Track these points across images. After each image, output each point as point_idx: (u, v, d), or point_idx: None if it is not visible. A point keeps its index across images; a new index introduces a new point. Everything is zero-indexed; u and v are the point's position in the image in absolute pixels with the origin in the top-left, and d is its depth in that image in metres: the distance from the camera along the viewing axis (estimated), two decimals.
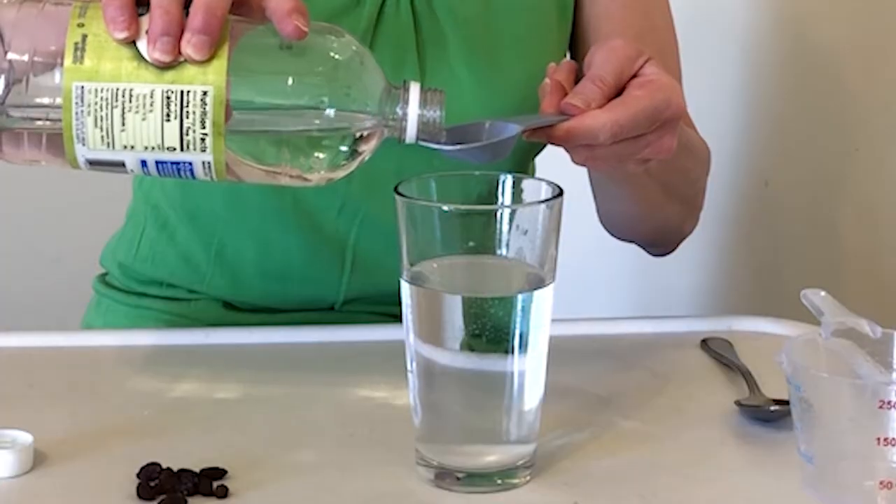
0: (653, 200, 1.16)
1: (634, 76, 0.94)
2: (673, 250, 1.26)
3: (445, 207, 0.83)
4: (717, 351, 1.07)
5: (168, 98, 0.83)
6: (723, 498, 0.86)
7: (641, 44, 1.00)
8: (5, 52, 0.84)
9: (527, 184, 0.88)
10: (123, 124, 0.84)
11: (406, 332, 0.86)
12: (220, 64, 0.83)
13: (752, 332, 1.13)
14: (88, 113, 0.83)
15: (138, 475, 0.85)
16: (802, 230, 1.75)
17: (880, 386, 0.82)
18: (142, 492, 0.83)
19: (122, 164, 0.86)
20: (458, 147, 0.88)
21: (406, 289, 0.85)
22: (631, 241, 1.25)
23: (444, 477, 0.86)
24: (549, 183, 0.86)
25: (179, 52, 0.83)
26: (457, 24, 1.15)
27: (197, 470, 0.85)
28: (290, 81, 0.85)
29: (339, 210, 1.17)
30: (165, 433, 0.93)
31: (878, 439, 0.81)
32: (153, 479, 0.84)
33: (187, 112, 0.83)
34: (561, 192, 0.85)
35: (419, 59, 1.14)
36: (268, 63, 0.86)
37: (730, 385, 1.02)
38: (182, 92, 0.83)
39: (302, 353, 1.08)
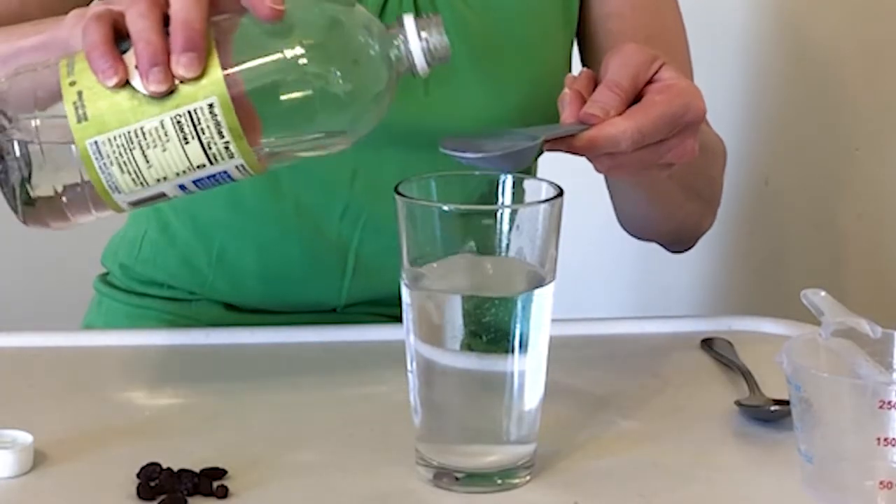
0: (673, 201, 1.17)
1: (652, 81, 0.94)
2: (692, 247, 1.26)
3: (445, 207, 0.83)
4: (717, 351, 1.07)
5: (179, 123, 0.83)
6: (723, 498, 0.86)
7: (652, 43, 0.99)
8: (11, 136, 0.85)
9: (527, 184, 0.88)
10: (147, 161, 0.84)
11: (406, 332, 0.86)
12: (214, 72, 0.83)
13: (752, 332, 1.13)
14: (111, 163, 0.84)
15: (138, 475, 0.85)
16: (803, 230, 1.75)
17: (880, 386, 0.82)
18: (142, 492, 0.83)
19: (164, 195, 0.87)
20: (480, 156, 0.87)
21: (406, 289, 0.85)
22: (651, 241, 1.26)
23: (444, 477, 0.86)
24: (550, 183, 0.86)
25: (173, 76, 0.83)
26: (460, 25, 1.15)
27: (197, 470, 0.85)
28: (290, 60, 0.85)
29: (342, 214, 1.16)
30: (165, 433, 0.93)
31: (878, 439, 0.81)
32: (153, 479, 0.84)
33: (202, 129, 0.84)
34: (561, 192, 0.85)
35: None
36: (262, 50, 0.86)
37: (730, 385, 1.02)
38: (189, 112, 0.83)
39: (302, 353, 1.08)
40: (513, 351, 0.84)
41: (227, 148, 0.84)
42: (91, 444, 0.91)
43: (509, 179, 0.87)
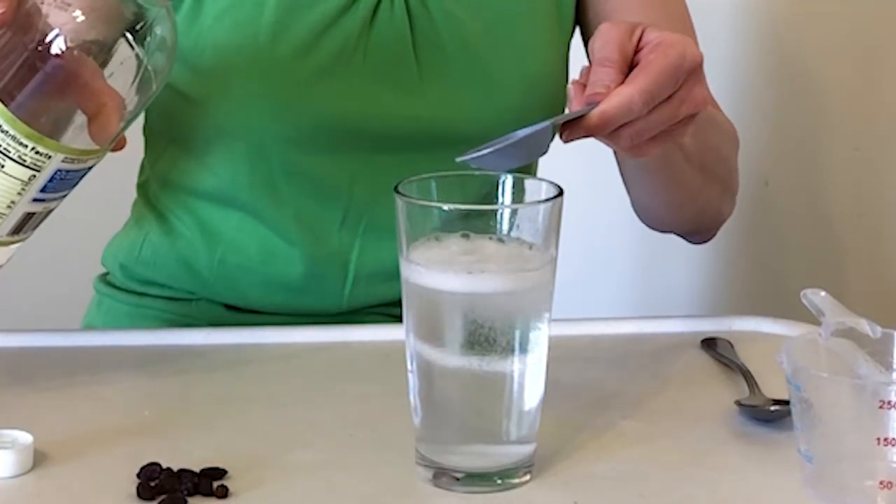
0: (690, 185, 1.16)
1: (640, 49, 0.94)
2: (713, 236, 1.26)
3: (445, 207, 0.83)
4: (717, 351, 1.07)
5: None
6: (723, 498, 0.86)
7: None
8: None
9: (527, 184, 0.88)
10: None
11: (406, 331, 0.86)
12: None
13: (752, 332, 1.13)
14: None
15: (138, 475, 0.85)
16: (802, 230, 1.75)
17: (880, 386, 0.82)
18: (142, 492, 0.83)
19: (31, 214, 0.89)
20: (495, 147, 0.86)
21: (405, 289, 0.85)
22: (670, 232, 1.25)
23: (444, 477, 0.86)
24: (550, 183, 0.86)
25: None
26: (453, 25, 1.15)
27: (197, 470, 0.85)
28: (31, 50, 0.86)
29: (342, 222, 1.16)
30: (165, 433, 0.93)
31: (878, 439, 0.81)
32: (153, 479, 0.84)
33: (5, 149, 0.86)
34: (561, 192, 0.85)
35: (416, 60, 1.14)
36: (15, 52, 0.87)
37: (730, 385, 1.02)
38: None
39: (303, 353, 1.08)
40: (513, 351, 0.84)
41: (37, 153, 0.86)
42: (91, 444, 0.91)
43: (509, 179, 0.87)
